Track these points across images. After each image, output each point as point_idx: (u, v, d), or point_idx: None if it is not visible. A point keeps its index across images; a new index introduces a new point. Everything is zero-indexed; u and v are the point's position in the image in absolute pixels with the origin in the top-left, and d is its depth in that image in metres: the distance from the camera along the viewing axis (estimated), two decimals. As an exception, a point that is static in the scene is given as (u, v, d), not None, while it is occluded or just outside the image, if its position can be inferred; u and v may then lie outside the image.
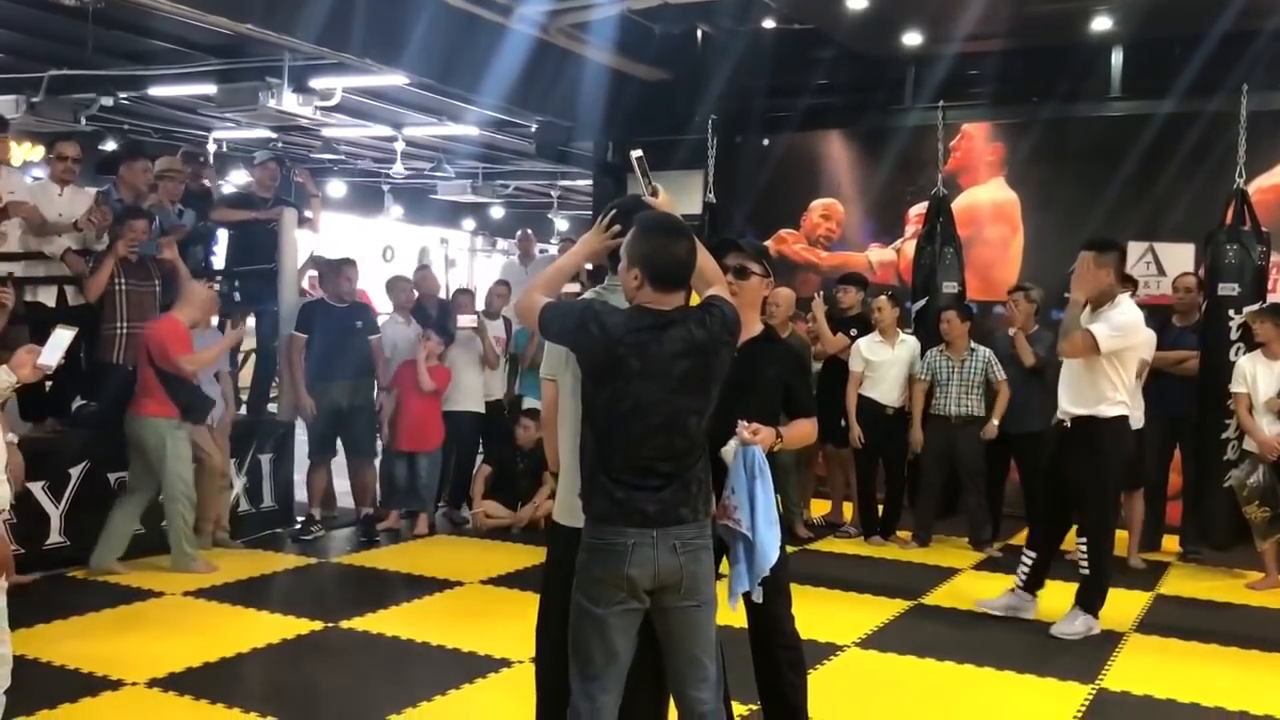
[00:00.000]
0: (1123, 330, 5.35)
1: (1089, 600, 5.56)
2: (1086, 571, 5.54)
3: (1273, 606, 5.97)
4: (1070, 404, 5.46)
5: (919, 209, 8.80)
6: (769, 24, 8.99)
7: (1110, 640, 5.51)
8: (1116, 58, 8.48)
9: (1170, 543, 7.45)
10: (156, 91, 9.54)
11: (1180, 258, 8.11)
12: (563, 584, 3.11)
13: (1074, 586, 5.66)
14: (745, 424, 3.31)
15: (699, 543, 3.00)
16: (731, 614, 3.39)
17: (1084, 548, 5.52)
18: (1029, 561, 5.80)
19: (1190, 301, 7.26)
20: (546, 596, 3.33)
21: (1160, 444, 7.13)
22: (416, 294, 8.50)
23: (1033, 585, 5.80)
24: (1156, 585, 5.93)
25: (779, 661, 3.65)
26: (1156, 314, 7.75)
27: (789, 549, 3.63)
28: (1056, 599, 5.81)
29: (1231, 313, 6.84)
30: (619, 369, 2.92)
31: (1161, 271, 8.17)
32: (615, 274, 3.18)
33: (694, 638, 3.03)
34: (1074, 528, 5.72)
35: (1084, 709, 4.63)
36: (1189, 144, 8.04)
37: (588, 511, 3.01)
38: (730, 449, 3.30)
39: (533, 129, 10.86)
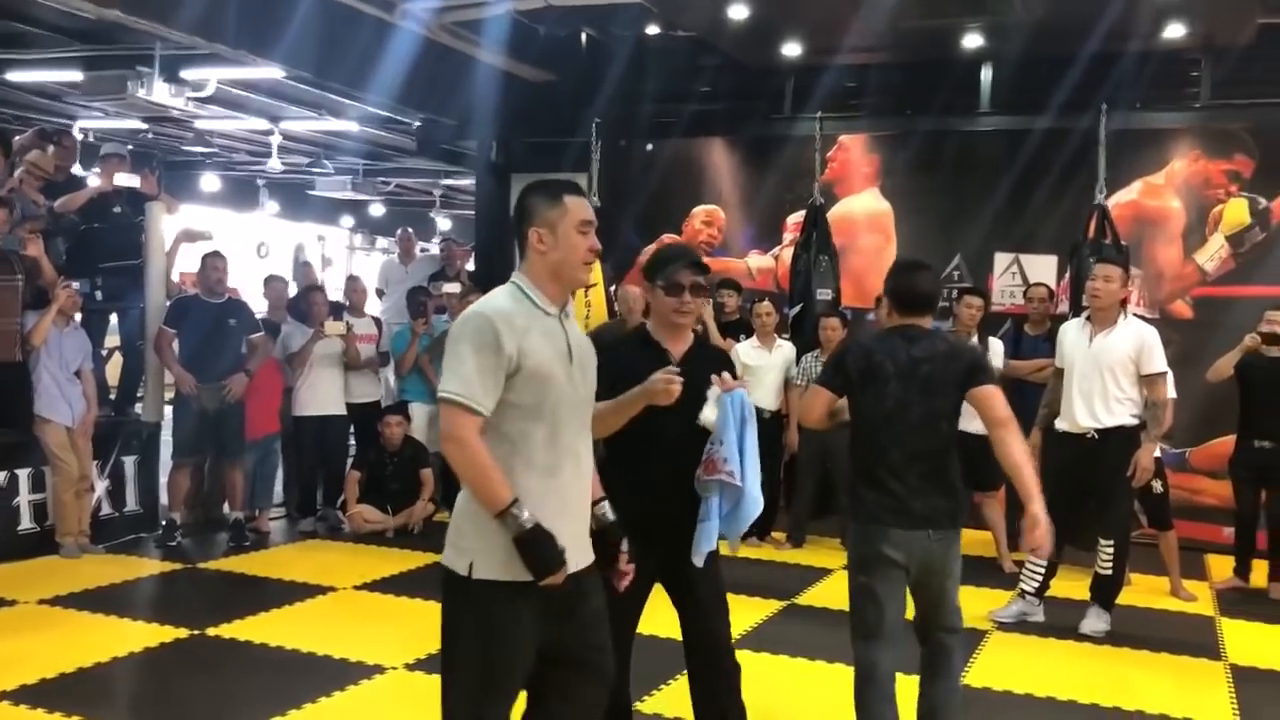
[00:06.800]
0: None
1: (1108, 598, 5.86)
2: (1109, 572, 5.79)
3: (1124, 604, 6.23)
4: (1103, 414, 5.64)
5: (796, 217, 8.97)
6: (654, 30, 9.05)
7: (973, 638, 5.68)
8: (987, 74, 8.73)
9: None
10: (16, 76, 9.09)
11: (1044, 269, 8.42)
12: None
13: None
14: (719, 377, 3.28)
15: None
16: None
17: (1109, 550, 5.74)
18: (1039, 569, 5.95)
19: (1043, 311, 7.58)
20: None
21: None
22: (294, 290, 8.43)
23: (1042, 591, 6.01)
24: (1019, 583, 6.17)
25: (729, 675, 3.63)
26: (1018, 323, 8.08)
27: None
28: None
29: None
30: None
31: (1026, 282, 8.48)
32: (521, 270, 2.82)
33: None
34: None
35: (948, 705, 4.78)
36: (1055, 159, 8.30)
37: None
38: (713, 398, 3.21)
39: (415, 126, 10.70)
